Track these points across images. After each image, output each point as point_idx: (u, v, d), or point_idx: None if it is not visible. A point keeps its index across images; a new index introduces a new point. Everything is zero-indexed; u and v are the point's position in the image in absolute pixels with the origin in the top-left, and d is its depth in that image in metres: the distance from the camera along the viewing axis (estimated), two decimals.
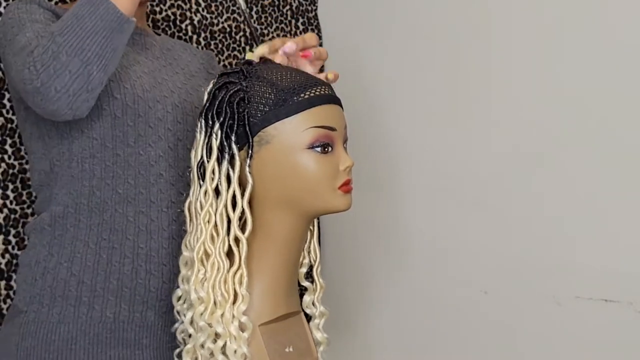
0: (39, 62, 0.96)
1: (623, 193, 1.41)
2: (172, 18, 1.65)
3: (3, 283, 1.37)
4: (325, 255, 1.89)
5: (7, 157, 1.38)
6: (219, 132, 0.98)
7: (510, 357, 1.58)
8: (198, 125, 1.00)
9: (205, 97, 1.01)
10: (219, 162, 0.98)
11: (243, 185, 0.99)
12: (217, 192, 0.99)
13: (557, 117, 1.49)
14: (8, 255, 1.38)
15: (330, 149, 0.99)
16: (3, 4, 1.36)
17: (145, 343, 1.11)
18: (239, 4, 1.17)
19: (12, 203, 1.39)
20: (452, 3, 1.67)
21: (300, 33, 1.90)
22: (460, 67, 1.65)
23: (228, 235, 0.98)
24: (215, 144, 0.98)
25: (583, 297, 1.46)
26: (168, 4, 1.65)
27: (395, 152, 1.78)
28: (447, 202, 1.68)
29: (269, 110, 0.97)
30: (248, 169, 0.98)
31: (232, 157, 0.98)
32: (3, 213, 1.38)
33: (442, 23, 1.69)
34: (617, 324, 1.41)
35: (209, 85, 1.02)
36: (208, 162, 0.98)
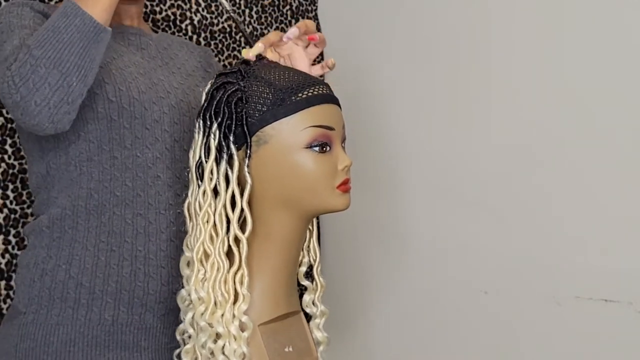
0: (17, 75, 0.95)
1: (623, 193, 1.41)
2: (172, 18, 1.65)
3: (3, 283, 1.37)
4: (325, 255, 1.89)
5: (7, 157, 1.39)
6: (217, 132, 0.97)
7: (510, 357, 1.58)
8: (196, 126, 1.00)
9: (203, 97, 1.01)
10: (218, 162, 0.98)
11: (242, 185, 0.99)
12: (215, 192, 0.98)
13: (557, 117, 1.49)
14: (8, 255, 1.38)
15: (329, 149, 0.99)
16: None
17: (144, 345, 1.11)
18: (222, 4, 1.17)
19: (12, 203, 1.39)
20: (452, 3, 1.67)
21: None
22: (461, 67, 1.65)
23: (227, 235, 0.98)
24: (214, 144, 0.98)
25: (583, 297, 1.46)
26: (168, 4, 1.65)
27: (395, 151, 1.78)
28: (447, 202, 1.67)
29: (267, 110, 0.97)
30: (247, 169, 0.97)
31: (230, 157, 0.97)
32: (3, 213, 1.38)
33: (442, 23, 1.69)
34: (617, 324, 1.41)
35: (207, 86, 1.02)
36: (206, 162, 0.98)
